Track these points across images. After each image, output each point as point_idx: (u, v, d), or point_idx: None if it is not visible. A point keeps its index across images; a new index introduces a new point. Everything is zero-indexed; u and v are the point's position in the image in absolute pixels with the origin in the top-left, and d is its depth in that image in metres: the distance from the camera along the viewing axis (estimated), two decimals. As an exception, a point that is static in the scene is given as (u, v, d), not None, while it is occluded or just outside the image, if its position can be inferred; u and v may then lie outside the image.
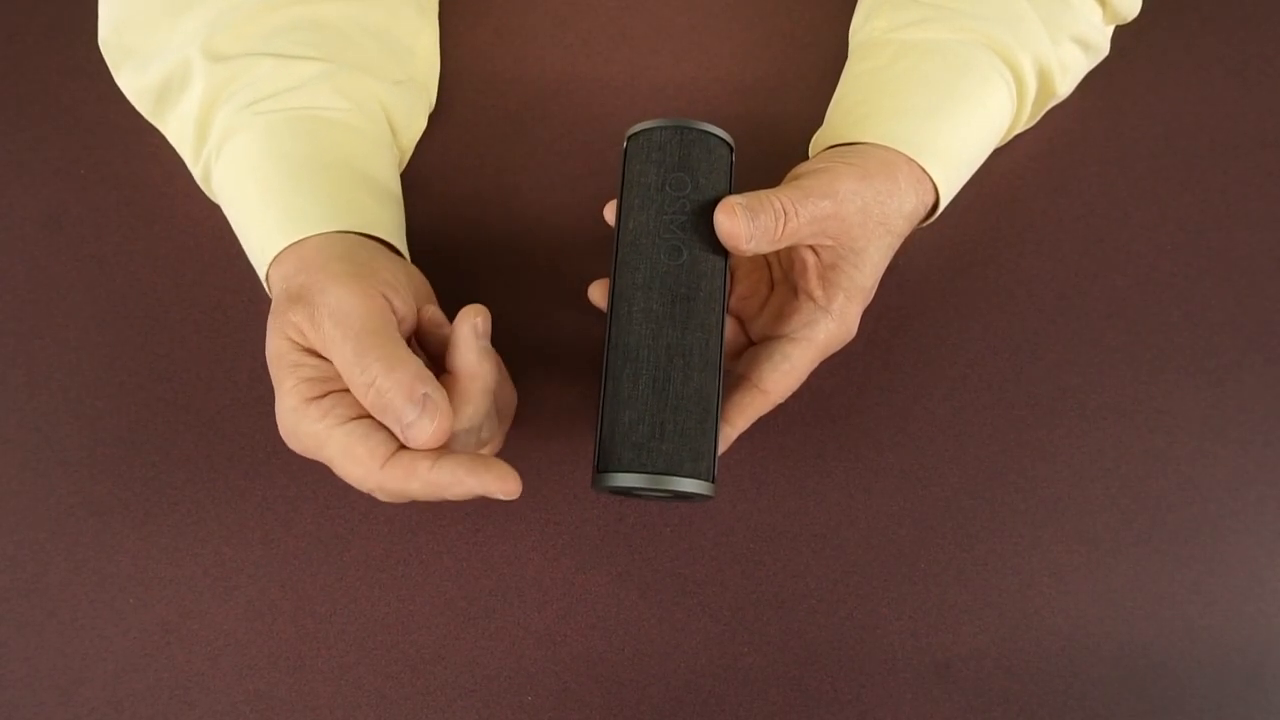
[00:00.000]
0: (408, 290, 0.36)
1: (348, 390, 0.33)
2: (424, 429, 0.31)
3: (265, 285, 0.38)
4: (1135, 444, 0.43)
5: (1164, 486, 0.43)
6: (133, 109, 0.43)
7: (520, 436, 0.43)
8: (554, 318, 0.45)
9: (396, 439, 0.32)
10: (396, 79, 0.45)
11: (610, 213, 0.40)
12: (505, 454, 0.43)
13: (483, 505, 0.42)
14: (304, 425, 0.33)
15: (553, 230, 0.47)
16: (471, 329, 0.34)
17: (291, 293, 0.34)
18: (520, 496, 0.42)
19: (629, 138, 0.38)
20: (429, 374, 0.32)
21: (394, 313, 0.34)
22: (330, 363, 0.34)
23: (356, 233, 0.38)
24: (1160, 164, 0.48)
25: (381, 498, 0.33)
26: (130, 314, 0.45)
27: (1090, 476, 0.43)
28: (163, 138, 0.44)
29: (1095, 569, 0.41)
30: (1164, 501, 0.42)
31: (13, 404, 0.44)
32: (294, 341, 0.34)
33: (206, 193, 0.43)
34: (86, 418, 0.43)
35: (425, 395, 0.31)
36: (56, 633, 0.40)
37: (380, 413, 0.32)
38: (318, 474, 0.42)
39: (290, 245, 0.36)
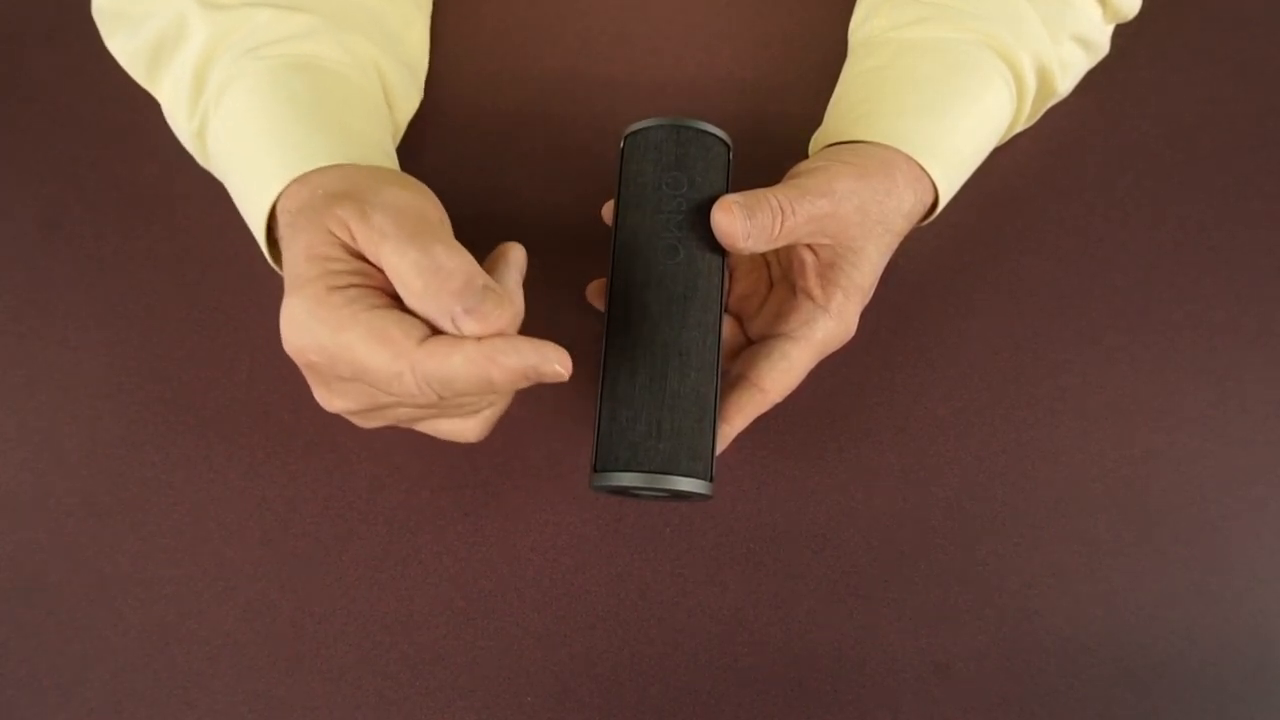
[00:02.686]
0: (445, 215, 0.34)
1: (373, 287, 0.31)
2: (482, 316, 0.28)
3: (261, 229, 0.36)
4: (1135, 444, 0.43)
5: (1164, 486, 0.43)
6: (133, 108, 0.43)
7: (518, 437, 0.43)
8: (552, 318, 0.45)
9: (429, 328, 0.29)
10: (393, 56, 0.44)
11: (608, 212, 0.40)
12: (505, 453, 0.43)
13: (483, 504, 0.42)
14: (322, 311, 0.29)
15: (551, 230, 0.47)
16: (515, 259, 0.34)
17: (334, 193, 0.32)
18: (520, 497, 0.42)
19: (626, 137, 0.38)
20: (484, 272, 0.30)
21: (443, 221, 0.33)
22: (361, 263, 0.31)
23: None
24: (1160, 164, 0.48)
25: (406, 390, 0.29)
26: (130, 314, 0.45)
27: (1090, 476, 0.43)
28: (162, 137, 0.44)
29: (1095, 569, 0.41)
30: (1164, 501, 0.42)
31: (13, 404, 0.44)
32: (334, 236, 0.31)
33: (197, 153, 0.42)
34: (86, 418, 0.43)
35: (484, 285, 0.29)
36: (56, 633, 0.40)
37: (432, 297, 0.29)
38: (318, 474, 0.42)
39: (307, 174, 0.34)
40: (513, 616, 0.41)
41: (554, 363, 0.29)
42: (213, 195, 0.44)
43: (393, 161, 0.40)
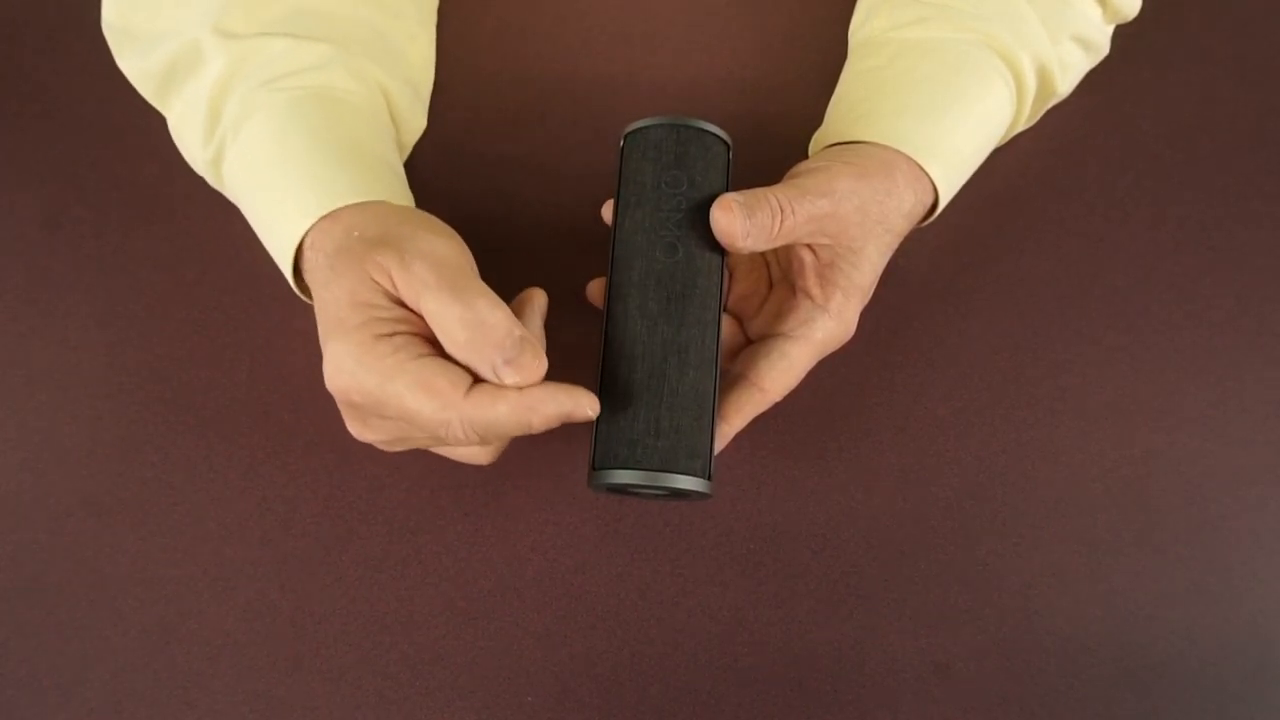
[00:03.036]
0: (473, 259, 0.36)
1: (416, 334, 0.33)
2: (521, 367, 0.31)
3: (290, 265, 0.37)
4: (1135, 444, 0.43)
5: (1164, 486, 0.43)
6: (133, 108, 0.43)
7: (518, 437, 0.43)
8: (552, 317, 0.45)
9: (472, 377, 0.32)
10: (398, 78, 0.45)
11: (607, 212, 0.40)
12: (505, 453, 0.43)
13: (483, 504, 0.42)
14: (369, 359, 0.31)
15: (551, 229, 0.47)
16: (539, 305, 0.36)
17: (372, 238, 0.34)
18: (520, 497, 0.42)
19: (625, 136, 0.38)
20: (519, 321, 0.33)
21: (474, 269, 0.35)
22: (403, 309, 0.33)
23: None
24: (1160, 164, 0.48)
25: (452, 435, 0.32)
26: (130, 314, 0.45)
27: (1090, 476, 0.43)
28: (162, 136, 0.44)
29: (1095, 569, 0.41)
30: (1164, 501, 0.42)
31: (13, 404, 0.44)
32: (376, 283, 0.33)
33: (211, 178, 0.42)
34: (86, 418, 0.43)
35: (521, 337, 0.31)
36: (56, 633, 0.40)
37: (474, 350, 0.31)
38: (318, 474, 0.42)
39: (332, 213, 0.35)
40: (513, 616, 0.41)
41: (585, 407, 0.32)
42: (213, 195, 0.44)
43: (404, 184, 0.41)
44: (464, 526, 0.42)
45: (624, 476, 0.33)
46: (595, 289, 0.41)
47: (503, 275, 0.45)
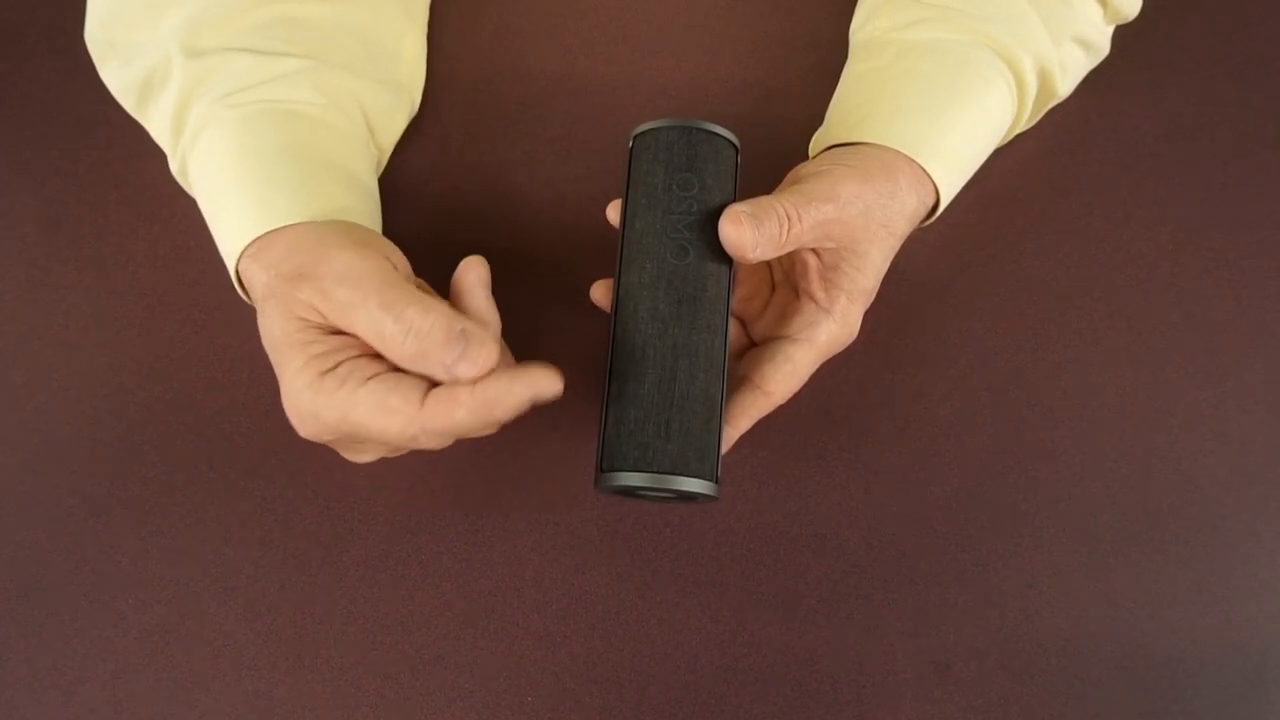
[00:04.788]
0: (400, 257, 0.36)
1: (359, 356, 0.33)
2: (472, 361, 0.31)
3: (235, 279, 0.38)
4: (1135, 444, 0.43)
5: (1164, 486, 0.43)
6: (132, 108, 0.43)
7: (519, 437, 0.43)
8: (553, 318, 0.45)
9: (425, 383, 0.32)
10: (378, 79, 0.44)
11: (613, 212, 0.40)
12: (505, 453, 0.43)
13: (483, 504, 0.42)
14: (321, 398, 0.32)
15: (552, 230, 0.47)
16: (477, 277, 0.35)
17: (288, 275, 0.34)
18: (520, 497, 0.42)
19: (635, 137, 0.38)
20: (457, 313, 0.32)
21: (397, 271, 0.34)
22: (339, 337, 0.33)
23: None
24: (1160, 164, 0.48)
25: (426, 444, 0.32)
26: (130, 314, 0.45)
27: (1090, 476, 0.43)
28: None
29: (1095, 569, 0.41)
30: (1164, 501, 0.42)
31: (13, 404, 0.44)
32: (304, 320, 0.33)
33: (184, 187, 0.43)
34: (86, 418, 0.43)
35: (463, 330, 0.31)
36: (56, 633, 0.40)
37: (420, 358, 0.31)
38: (318, 474, 0.42)
39: (261, 237, 0.36)
40: (513, 617, 0.41)
41: (546, 389, 0.32)
42: (213, 195, 0.44)
43: (368, 196, 0.41)
44: (464, 526, 0.42)
45: (634, 479, 0.33)
46: (599, 290, 0.41)
47: (502, 276, 0.46)
